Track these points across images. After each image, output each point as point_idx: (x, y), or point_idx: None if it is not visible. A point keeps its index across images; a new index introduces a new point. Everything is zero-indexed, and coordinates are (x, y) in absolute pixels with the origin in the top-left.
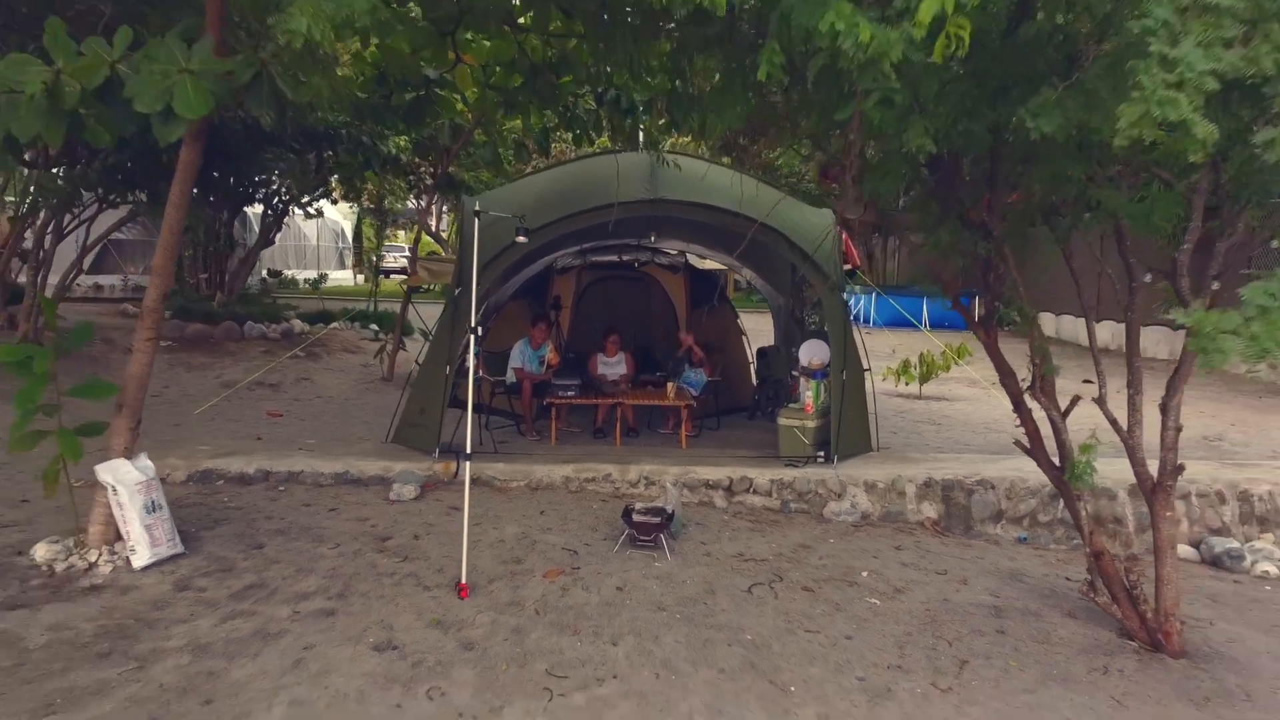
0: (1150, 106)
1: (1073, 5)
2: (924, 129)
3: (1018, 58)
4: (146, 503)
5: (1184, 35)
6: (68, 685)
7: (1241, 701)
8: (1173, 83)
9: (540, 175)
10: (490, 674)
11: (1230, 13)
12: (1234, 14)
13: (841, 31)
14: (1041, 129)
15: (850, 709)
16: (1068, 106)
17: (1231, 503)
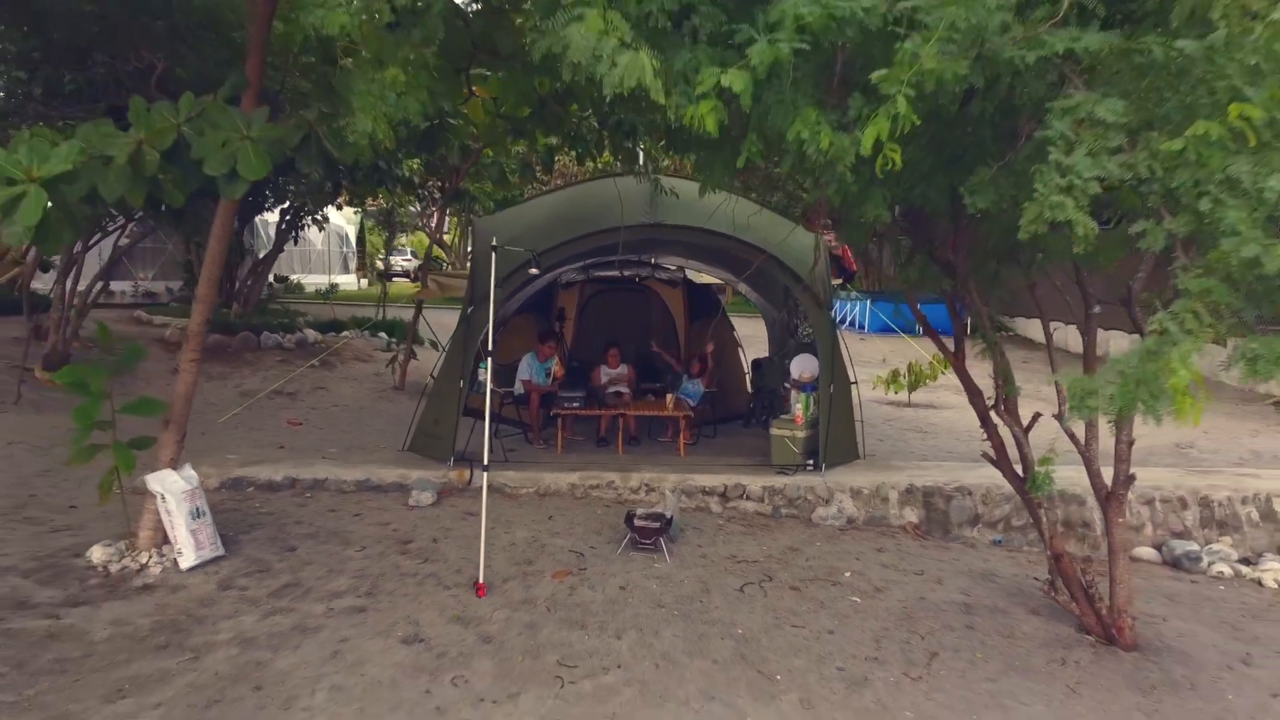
0: (1043, 208)
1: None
2: (881, 199)
3: (968, 131)
4: (191, 509)
5: (1078, 145)
6: (132, 674)
7: (1185, 690)
8: (1063, 187)
9: (545, 198)
10: (507, 664)
11: (1115, 126)
12: (1119, 126)
13: (805, 139)
14: (977, 204)
15: (829, 695)
16: (1000, 185)
17: (1193, 508)
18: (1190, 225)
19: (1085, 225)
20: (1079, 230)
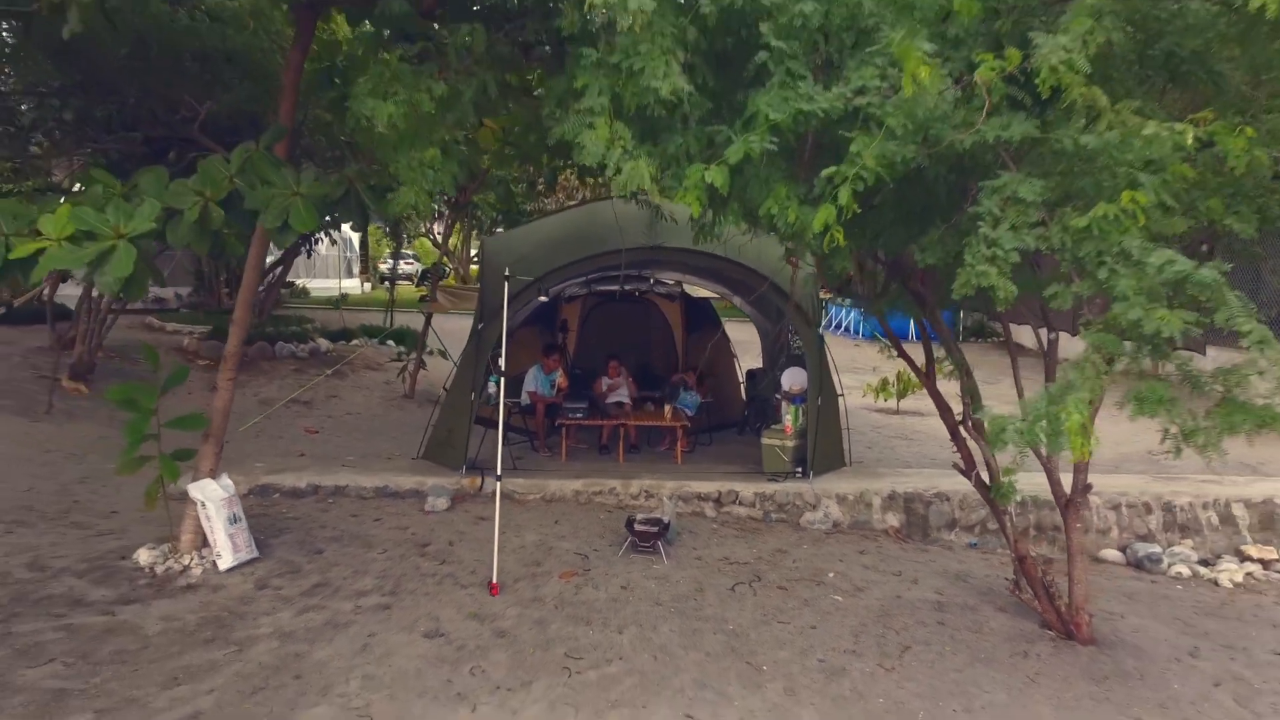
0: (971, 275)
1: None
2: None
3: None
4: (229, 515)
5: (1003, 220)
6: (185, 664)
7: (1135, 680)
8: (988, 256)
9: (550, 219)
10: (520, 656)
11: (1034, 204)
12: (1037, 204)
13: (775, 213)
14: (927, 260)
15: (810, 684)
16: (947, 243)
17: (1157, 512)
18: (1092, 289)
19: (1006, 290)
20: (999, 294)
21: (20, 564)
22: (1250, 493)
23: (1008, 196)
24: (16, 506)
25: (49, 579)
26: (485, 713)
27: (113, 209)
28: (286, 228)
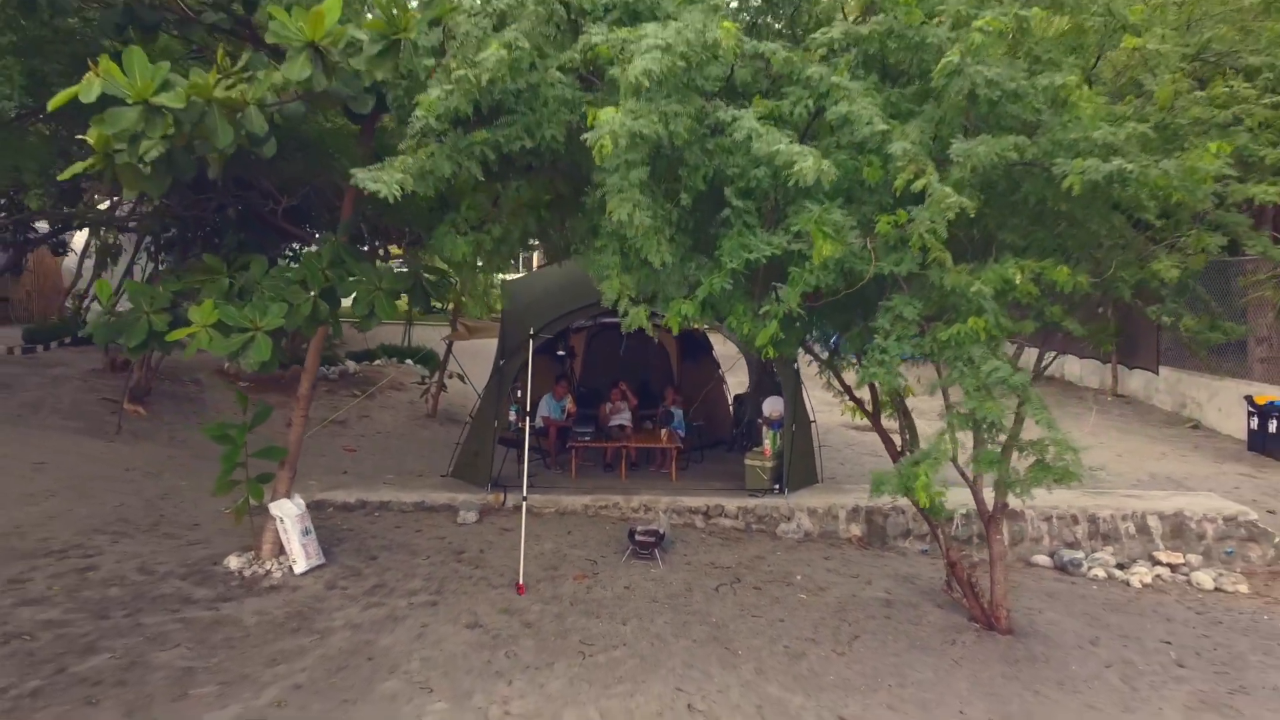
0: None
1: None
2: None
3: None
4: (302, 529)
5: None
6: (280, 649)
7: (1041, 663)
8: (879, 360)
9: (554, 269)
10: (544, 642)
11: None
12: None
13: (734, 325)
14: (847, 349)
15: (776, 665)
16: (864, 337)
17: (1083, 523)
18: (950, 383)
19: (890, 385)
20: (884, 387)
21: (132, 569)
22: (1163, 506)
23: (896, 315)
24: (115, 520)
25: (158, 581)
26: (519, 687)
27: (251, 307)
28: (371, 315)
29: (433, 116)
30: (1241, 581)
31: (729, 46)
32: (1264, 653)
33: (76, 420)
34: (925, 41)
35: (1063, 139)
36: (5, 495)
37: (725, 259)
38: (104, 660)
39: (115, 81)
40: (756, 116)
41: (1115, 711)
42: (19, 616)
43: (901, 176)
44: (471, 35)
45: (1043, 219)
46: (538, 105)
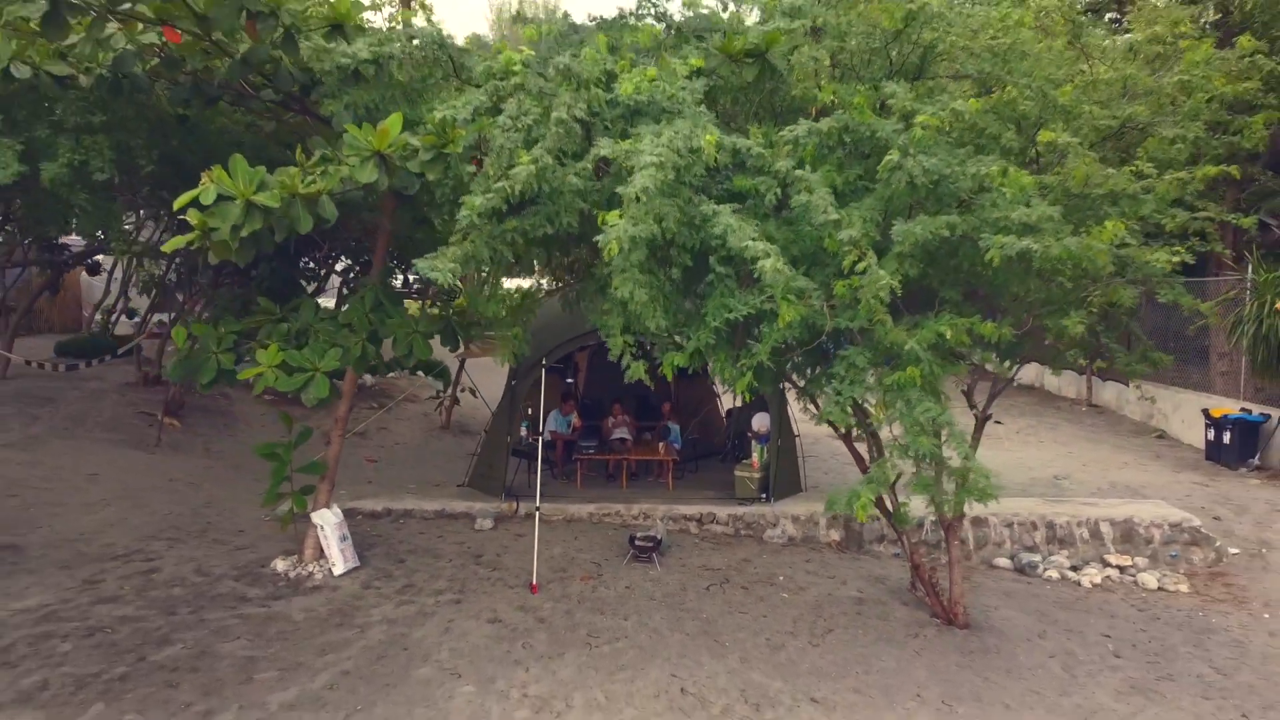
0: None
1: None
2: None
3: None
4: (340, 535)
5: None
6: (326, 640)
7: (992, 654)
8: (835, 400)
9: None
10: (556, 635)
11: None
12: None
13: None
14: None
15: (759, 655)
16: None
17: (1041, 529)
18: (892, 420)
19: (844, 421)
20: (839, 423)
21: (189, 571)
22: (1114, 513)
23: (850, 363)
24: (168, 527)
25: (214, 582)
26: (534, 673)
27: (310, 350)
28: (411, 353)
29: (475, 215)
30: (1183, 582)
31: (710, 153)
32: (1194, 645)
33: (118, 433)
34: (875, 135)
35: (987, 217)
36: (66, 504)
37: (709, 318)
38: (177, 650)
39: (225, 185)
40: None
41: (1054, 695)
42: (98, 613)
43: (848, 259)
44: (505, 148)
45: (976, 279)
46: (557, 198)
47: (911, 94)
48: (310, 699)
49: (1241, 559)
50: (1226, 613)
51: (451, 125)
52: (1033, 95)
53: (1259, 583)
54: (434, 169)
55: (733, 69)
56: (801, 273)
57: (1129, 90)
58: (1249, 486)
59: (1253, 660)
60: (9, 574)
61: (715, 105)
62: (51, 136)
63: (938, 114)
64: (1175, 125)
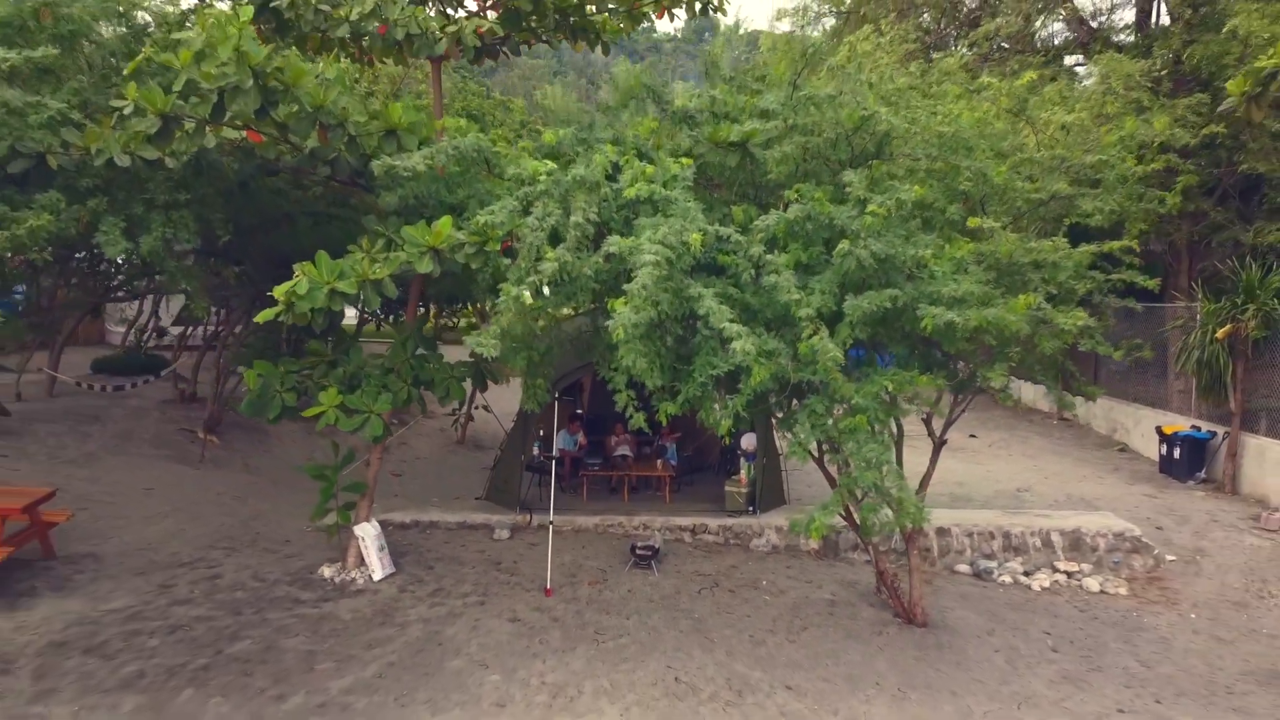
0: (787, 454)
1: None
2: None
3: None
4: (379, 545)
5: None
6: (372, 636)
7: (946, 649)
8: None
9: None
10: (568, 632)
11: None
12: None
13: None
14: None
15: (743, 649)
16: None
17: (998, 538)
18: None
19: (805, 458)
20: (800, 459)
21: (248, 576)
22: (1065, 524)
23: (811, 410)
24: (222, 537)
25: (270, 586)
26: (551, 664)
27: (364, 394)
28: (448, 394)
29: (510, 299)
30: (1122, 585)
31: (697, 248)
32: (1124, 641)
33: (164, 449)
34: (833, 222)
35: (925, 290)
36: (130, 517)
37: (697, 373)
38: (247, 645)
39: (313, 277)
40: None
41: (995, 684)
42: (176, 613)
43: (804, 337)
44: (533, 245)
45: (918, 338)
46: (575, 282)
47: (866, 179)
48: (364, 685)
49: (1177, 565)
50: (1158, 613)
51: (491, 228)
52: (972, 177)
53: (1190, 586)
54: (476, 260)
55: (719, 154)
56: (773, 335)
57: (1059, 165)
58: (1194, 499)
59: (1175, 655)
60: (94, 580)
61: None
62: (146, 213)
63: (884, 203)
64: (1094, 199)
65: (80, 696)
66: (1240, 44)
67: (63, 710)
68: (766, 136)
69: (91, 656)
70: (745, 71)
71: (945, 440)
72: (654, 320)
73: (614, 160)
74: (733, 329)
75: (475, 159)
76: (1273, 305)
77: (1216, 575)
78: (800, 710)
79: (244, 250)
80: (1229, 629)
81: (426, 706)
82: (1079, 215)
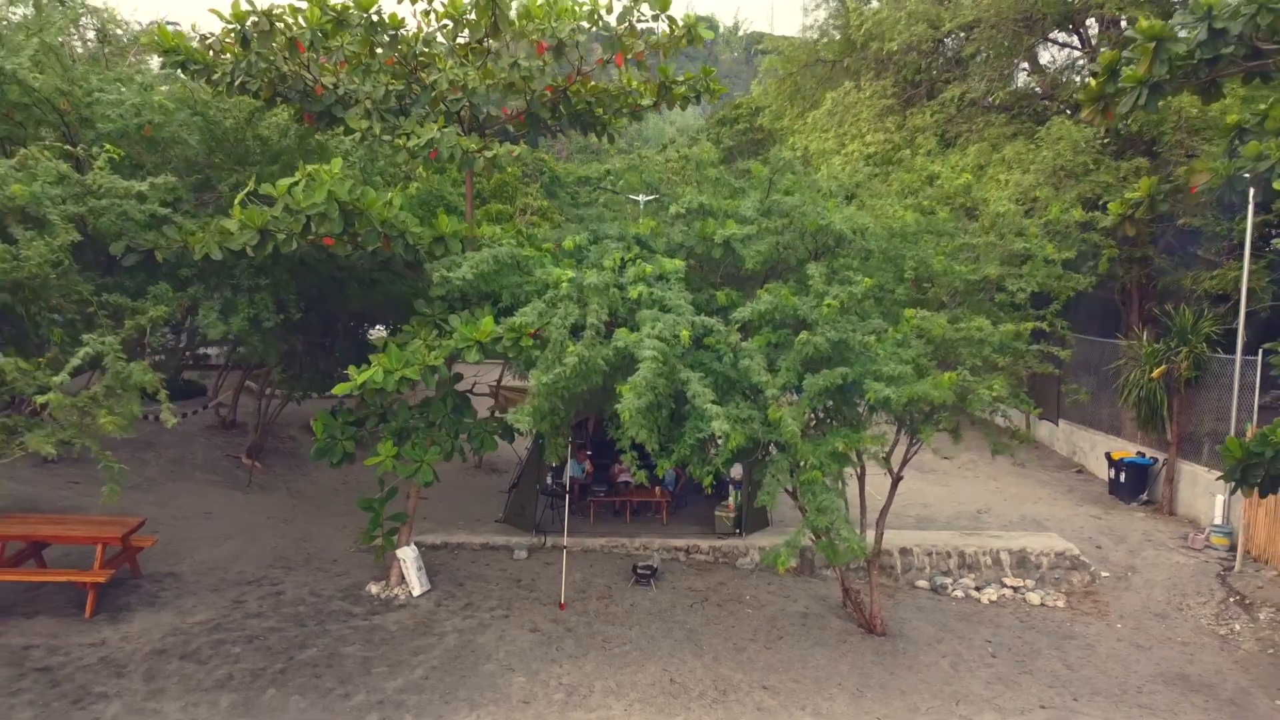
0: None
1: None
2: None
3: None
4: (417, 565)
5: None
6: (416, 645)
7: (900, 654)
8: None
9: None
10: (580, 641)
11: (785, 468)
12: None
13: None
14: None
15: (726, 654)
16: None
17: (954, 557)
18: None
19: (771, 507)
20: (770, 506)
21: (306, 593)
22: (1013, 544)
23: (777, 465)
24: (278, 558)
25: (326, 601)
26: (566, 668)
27: (417, 447)
28: (482, 445)
29: (540, 385)
30: (1060, 599)
31: (687, 340)
32: (1055, 648)
33: (215, 474)
34: (796, 312)
35: (869, 369)
36: (196, 539)
37: (686, 436)
38: (314, 652)
39: (386, 364)
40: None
41: (939, 685)
42: (251, 625)
43: (771, 411)
44: (558, 340)
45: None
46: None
47: (826, 271)
48: (413, 686)
49: (1110, 580)
50: (1088, 623)
51: (526, 326)
52: (916, 264)
53: (1119, 600)
54: (512, 350)
55: (705, 246)
56: (748, 403)
57: (992, 251)
58: (1135, 519)
59: (1098, 659)
60: (178, 596)
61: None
62: (233, 296)
63: (838, 295)
64: (1019, 279)
65: (185, 694)
66: (1175, 114)
67: (173, 706)
68: (744, 234)
69: (188, 662)
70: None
71: (901, 476)
72: (653, 401)
73: (623, 258)
74: (713, 410)
75: (509, 263)
76: (1202, 349)
77: (1143, 590)
78: (774, 706)
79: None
80: (1148, 637)
81: (466, 703)
82: (1004, 295)
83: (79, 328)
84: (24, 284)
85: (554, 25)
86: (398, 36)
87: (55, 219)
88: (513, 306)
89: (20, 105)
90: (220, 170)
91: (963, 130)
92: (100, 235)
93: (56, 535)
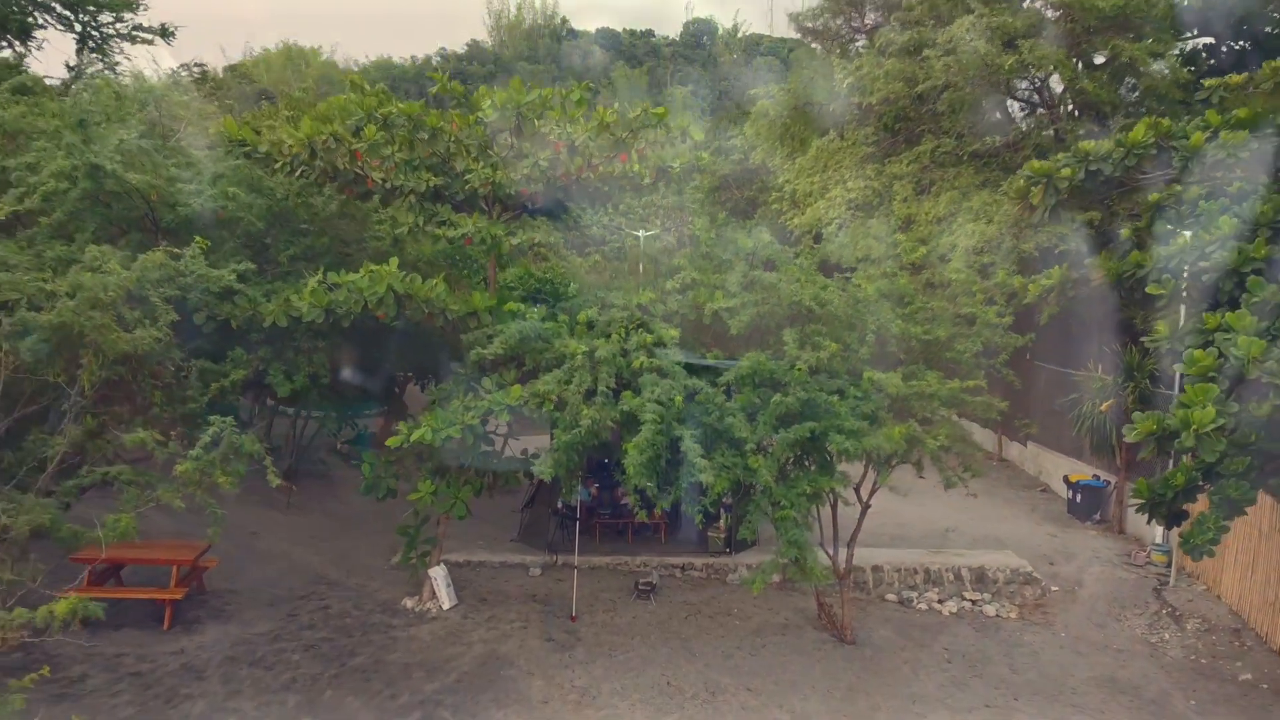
0: (742, 530)
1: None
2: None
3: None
4: (446, 582)
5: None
6: (448, 653)
7: (868, 660)
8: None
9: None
10: (589, 649)
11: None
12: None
13: (686, 509)
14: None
15: (715, 658)
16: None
17: (921, 573)
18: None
19: (751, 539)
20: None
21: (349, 606)
22: (974, 561)
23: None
24: (322, 575)
25: (368, 614)
26: (578, 673)
27: (451, 485)
28: (507, 483)
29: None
30: (1013, 610)
31: (679, 404)
32: (1004, 654)
33: (254, 495)
34: (772, 374)
35: (832, 423)
36: (247, 558)
37: (681, 480)
38: (362, 659)
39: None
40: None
41: (899, 687)
42: (306, 635)
43: (750, 460)
44: (574, 405)
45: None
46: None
47: (799, 337)
48: (449, 688)
49: (1059, 594)
50: (1036, 632)
51: (548, 394)
52: (876, 328)
53: (1066, 611)
54: (536, 413)
55: (698, 314)
56: (732, 451)
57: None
58: (1088, 537)
59: (1040, 664)
60: (240, 609)
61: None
62: (295, 356)
63: (807, 359)
64: (966, 339)
65: (257, 695)
66: None
67: (249, 705)
68: (730, 305)
69: (256, 668)
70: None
71: (869, 505)
72: (653, 456)
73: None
74: (701, 463)
75: (532, 336)
76: (1145, 385)
77: (1088, 602)
78: (756, 705)
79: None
80: (1087, 645)
81: (494, 703)
82: (952, 354)
83: (174, 391)
84: (132, 356)
85: (570, 130)
86: (437, 134)
87: (156, 300)
88: (535, 369)
89: (116, 194)
90: (279, 241)
91: (936, 178)
92: (185, 307)
93: (140, 558)
